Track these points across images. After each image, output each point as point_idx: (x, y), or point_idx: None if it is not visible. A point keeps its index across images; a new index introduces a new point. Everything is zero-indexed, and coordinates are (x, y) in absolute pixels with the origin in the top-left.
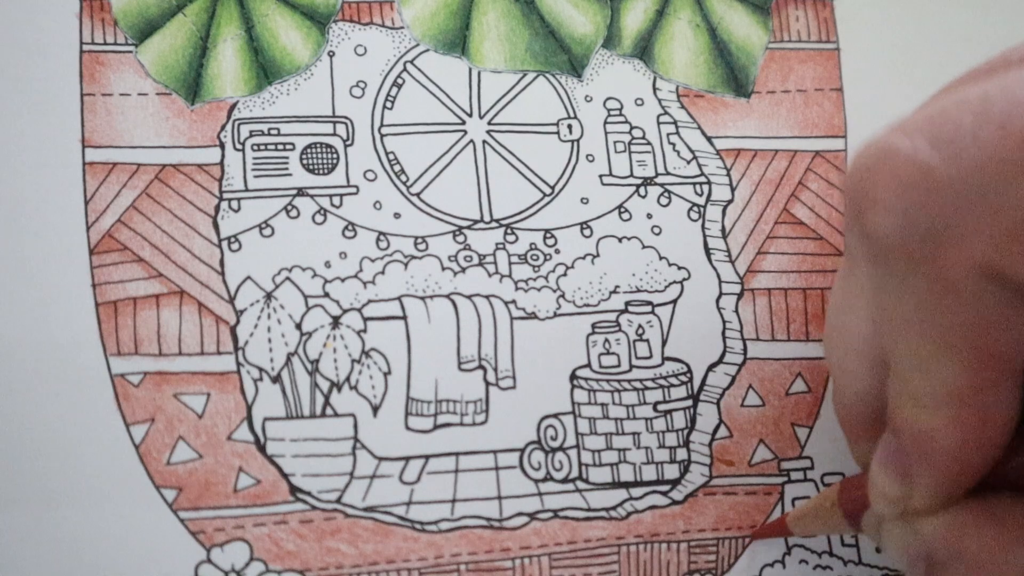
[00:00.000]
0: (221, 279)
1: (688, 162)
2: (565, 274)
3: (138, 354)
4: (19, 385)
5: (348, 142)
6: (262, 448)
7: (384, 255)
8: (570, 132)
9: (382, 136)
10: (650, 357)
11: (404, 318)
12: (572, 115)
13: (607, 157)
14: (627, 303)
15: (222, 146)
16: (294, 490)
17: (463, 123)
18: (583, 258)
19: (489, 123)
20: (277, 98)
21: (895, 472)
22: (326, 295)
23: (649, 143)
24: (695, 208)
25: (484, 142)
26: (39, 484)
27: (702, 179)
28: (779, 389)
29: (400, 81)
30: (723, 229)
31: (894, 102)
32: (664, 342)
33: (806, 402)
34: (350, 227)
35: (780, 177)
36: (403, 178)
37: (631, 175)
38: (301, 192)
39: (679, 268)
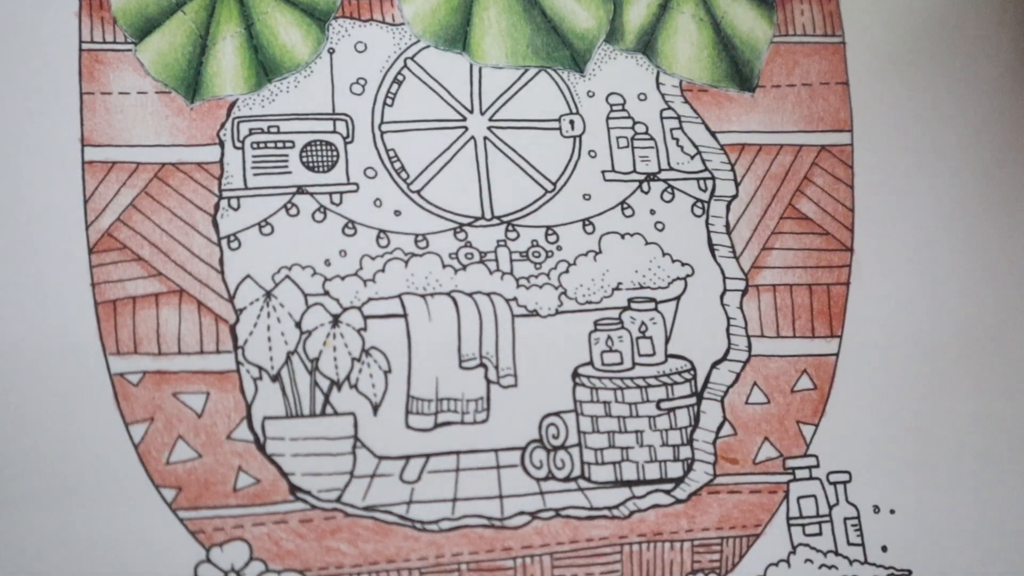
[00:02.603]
0: (220, 278)
1: (692, 157)
2: (567, 271)
3: (137, 353)
4: (17, 384)
5: (348, 139)
6: (262, 447)
7: (384, 253)
8: (572, 128)
9: (382, 133)
10: (653, 354)
11: (404, 316)
12: (574, 111)
13: (610, 153)
14: (630, 300)
15: (221, 144)
16: (294, 489)
17: (464, 119)
18: (585, 255)
19: (490, 119)
20: (277, 96)
21: None
22: (326, 293)
23: (652, 138)
24: (699, 204)
25: (485, 138)
26: (38, 483)
27: (706, 174)
28: (784, 386)
29: (400, 78)
30: (727, 225)
31: (900, 96)
32: (667, 339)
33: (812, 399)
34: (350, 225)
35: (785, 172)
36: (403, 175)
37: (634, 171)
38: (301, 190)
39: (683, 264)
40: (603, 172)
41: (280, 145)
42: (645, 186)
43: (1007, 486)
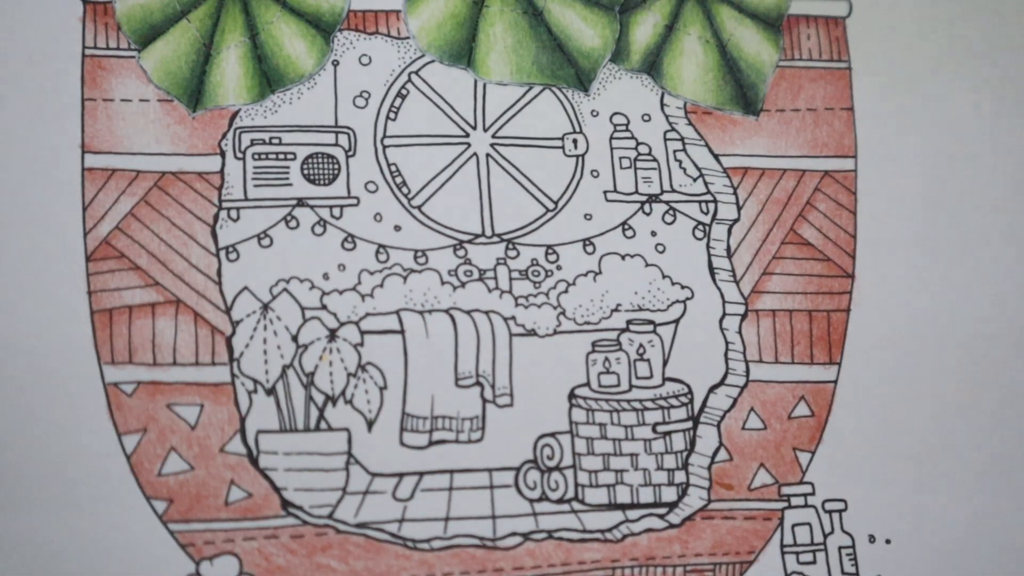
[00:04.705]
0: (218, 289)
1: (694, 180)
2: (566, 291)
3: (132, 363)
4: (10, 390)
5: (350, 153)
6: (254, 461)
7: (383, 268)
8: (575, 147)
9: (384, 147)
10: (650, 377)
11: (402, 332)
12: (577, 129)
13: (612, 173)
14: (628, 321)
15: (223, 154)
16: (286, 504)
17: (467, 135)
18: (585, 275)
19: (493, 136)
20: (279, 107)
21: None
22: (323, 307)
23: (655, 159)
24: (700, 227)
25: (487, 155)
26: (28, 490)
27: (708, 197)
28: (781, 413)
29: (404, 92)
30: (728, 248)
31: (905, 122)
32: (665, 362)
33: (809, 426)
34: (349, 239)
35: (788, 196)
36: (404, 190)
37: (636, 192)
38: (301, 202)
39: (682, 287)
40: (605, 192)
41: (281, 157)
42: (647, 207)
43: (1005, 518)
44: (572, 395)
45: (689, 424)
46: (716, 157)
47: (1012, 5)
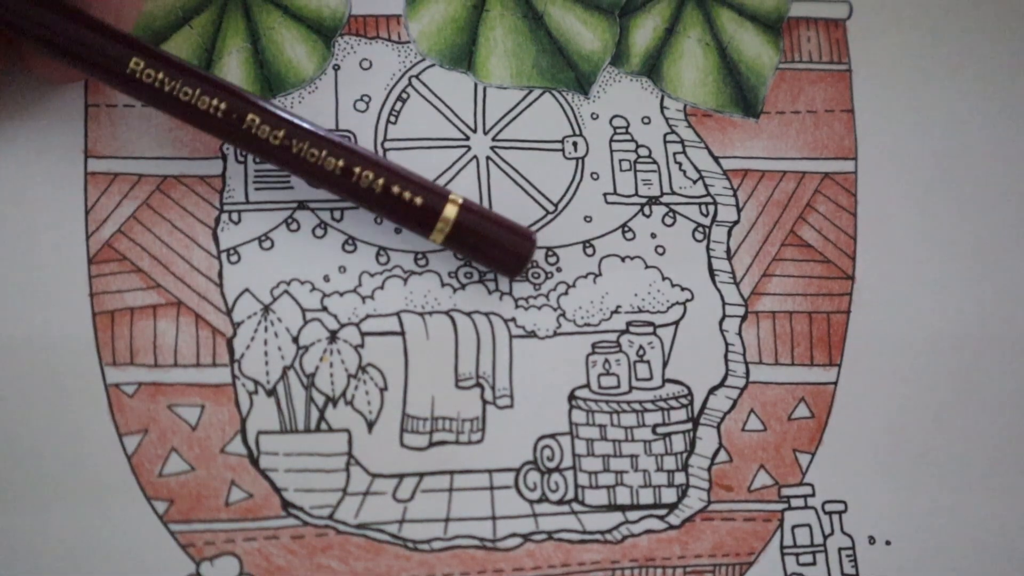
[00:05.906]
0: (219, 291)
1: (694, 182)
2: (566, 293)
3: (133, 364)
4: (12, 390)
5: None
6: (255, 462)
7: (384, 270)
8: (575, 149)
9: (385, 151)
10: (650, 379)
11: (402, 334)
12: (577, 132)
13: (612, 175)
14: (628, 323)
15: (224, 158)
16: (286, 505)
17: (467, 139)
18: (585, 277)
19: (493, 139)
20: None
21: None
22: (324, 309)
23: (655, 162)
24: (700, 229)
25: (488, 158)
26: (29, 491)
27: (708, 199)
28: (781, 414)
29: (405, 95)
30: (728, 250)
31: (905, 124)
32: (665, 364)
33: (808, 428)
34: (350, 241)
35: (788, 198)
36: None
37: (636, 194)
38: (302, 205)
39: (682, 289)
40: (605, 195)
41: None
42: (647, 210)
43: (1005, 519)
44: (572, 396)
45: (689, 425)
46: (716, 159)
47: (1012, 6)
